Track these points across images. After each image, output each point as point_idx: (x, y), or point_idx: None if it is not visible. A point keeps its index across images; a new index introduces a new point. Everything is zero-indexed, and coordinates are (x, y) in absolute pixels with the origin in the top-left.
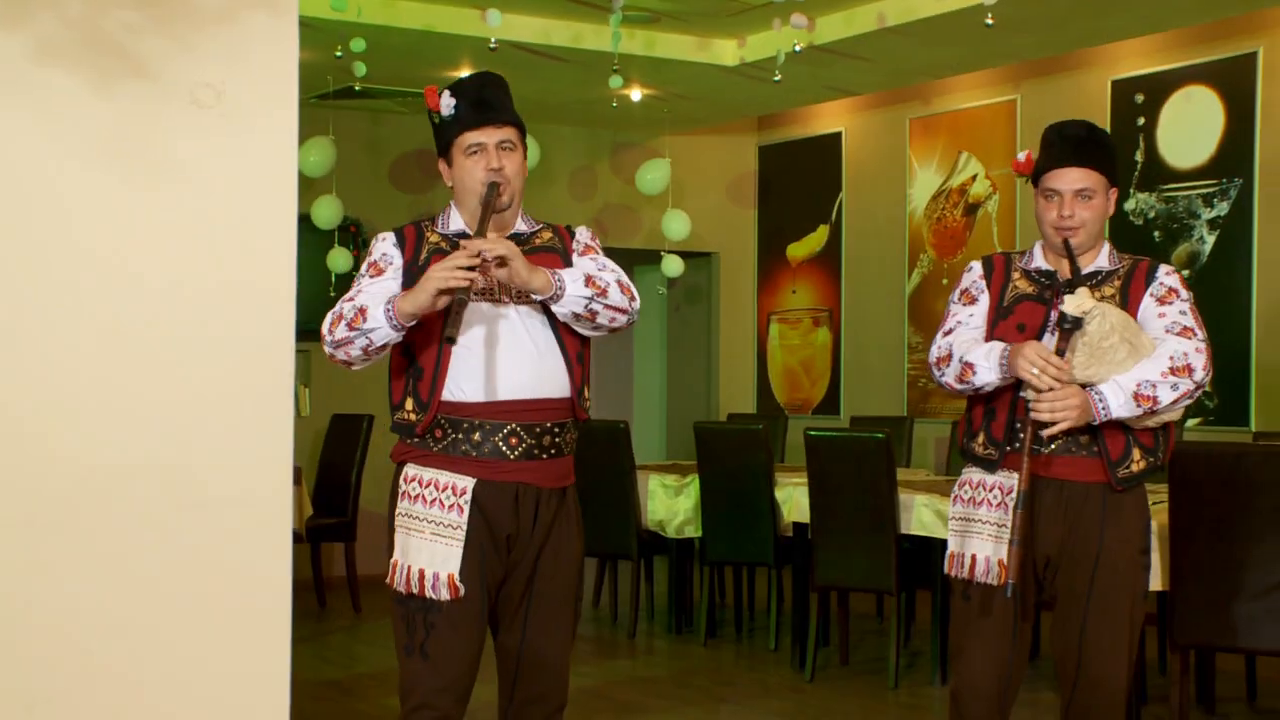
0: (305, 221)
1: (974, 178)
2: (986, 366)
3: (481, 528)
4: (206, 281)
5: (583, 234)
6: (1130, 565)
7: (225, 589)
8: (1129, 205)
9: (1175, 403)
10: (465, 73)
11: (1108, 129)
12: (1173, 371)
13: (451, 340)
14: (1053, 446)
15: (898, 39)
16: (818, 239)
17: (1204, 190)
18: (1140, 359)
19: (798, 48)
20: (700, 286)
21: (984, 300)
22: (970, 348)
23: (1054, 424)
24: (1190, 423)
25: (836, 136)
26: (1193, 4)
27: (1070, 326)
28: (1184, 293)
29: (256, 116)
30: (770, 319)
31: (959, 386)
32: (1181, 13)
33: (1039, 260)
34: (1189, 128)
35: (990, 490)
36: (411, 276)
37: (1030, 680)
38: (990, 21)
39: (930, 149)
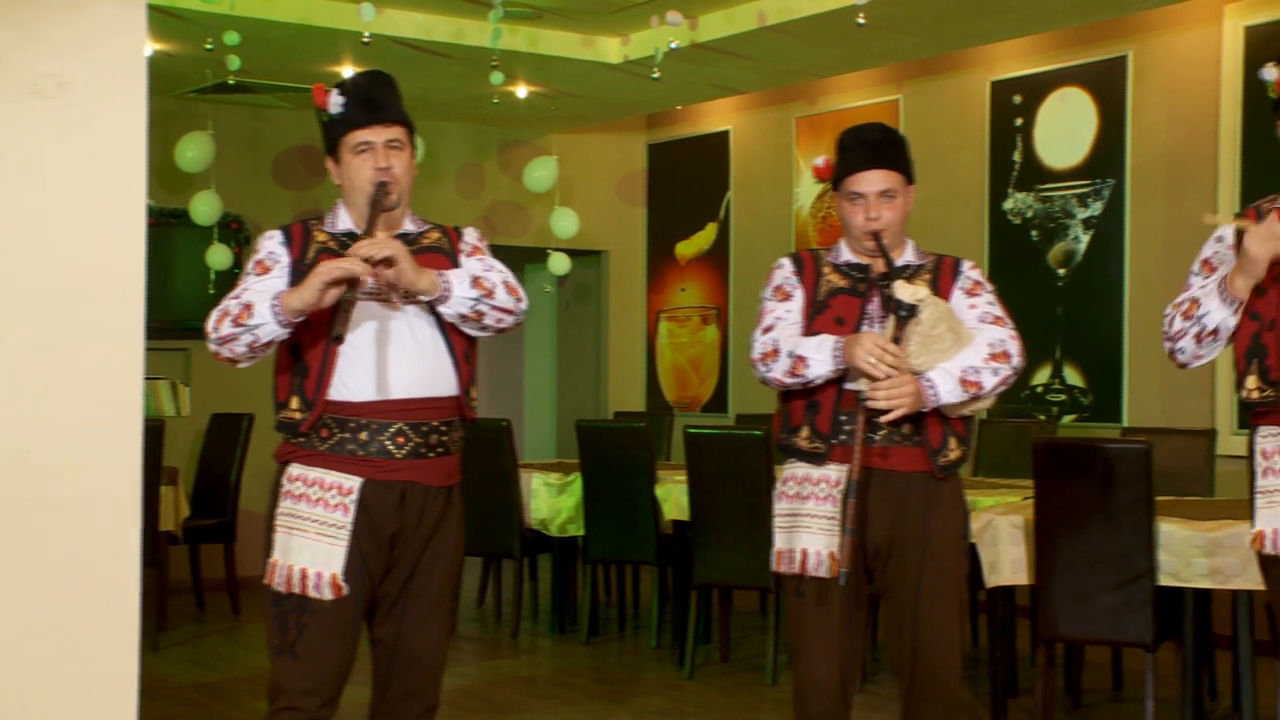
0: (183, 217)
1: None
2: (819, 359)
3: (365, 527)
4: (48, 277)
5: (470, 235)
6: (954, 551)
7: (69, 593)
8: (1007, 205)
9: (995, 388)
10: (346, 68)
11: (987, 129)
12: (993, 357)
13: (339, 339)
14: (877, 437)
15: (778, 38)
16: (706, 237)
17: (1079, 190)
18: (963, 347)
19: (674, 45)
20: (590, 285)
21: (799, 295)
22: (798, 342)
23: (890, 411)
24: (1065, 419)
25: (724, 135)
26: (1065, 7)
27: (907, 315)
28: (988, 285)
29: (102, 109)
30: (659, 317)
31: (789, 380)
32: (1054, 16)
33: (848, 255)
34: (1064, 129)
35: (817, 484)
36: (298, 275)
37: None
38: (862, 20)
39: (816, 148)
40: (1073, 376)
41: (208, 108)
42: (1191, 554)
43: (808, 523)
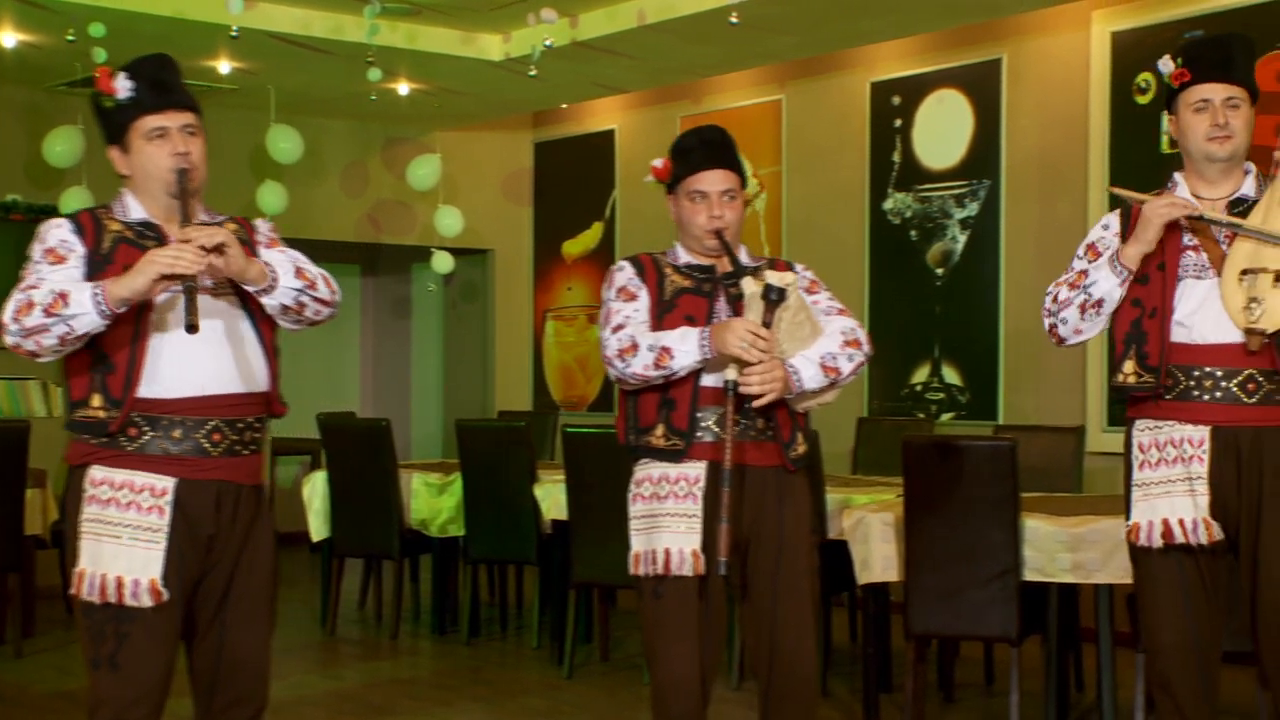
0: (53, 213)
1: None
2: (685, 349)
3: (182, 529)
4: None
5: (264, 226)
6: (807, 545)
7: None
8: (887, 205)
9: (850, 374)
10: (222, 62)
11: (868, 130)
12: (848, 344)
13: (193, 329)
14: (737, 429)
15: (658, 36)
16: (592, 236)
17: (956, 191)
18: (819, 337)
19: (548, 43)
20: (476, 284)
21: (644, 296)
22: (658, 335)
23: (761, 397)
24: (944, 417)
25: (609, 134)
26: (939, 9)
27: (777, 298)
28: (823, 283)
29: None
30: (546, 316)
31: (653, 373)
32: (929, 18)
33: (687, 257)
34: (942, 130)
35: (675, 483)
36: (95, 265)
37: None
38: (734, 20)
39: None
40: (951, 375)
41: (78, 101)
42: (1055, 549)
43: (668, 522)
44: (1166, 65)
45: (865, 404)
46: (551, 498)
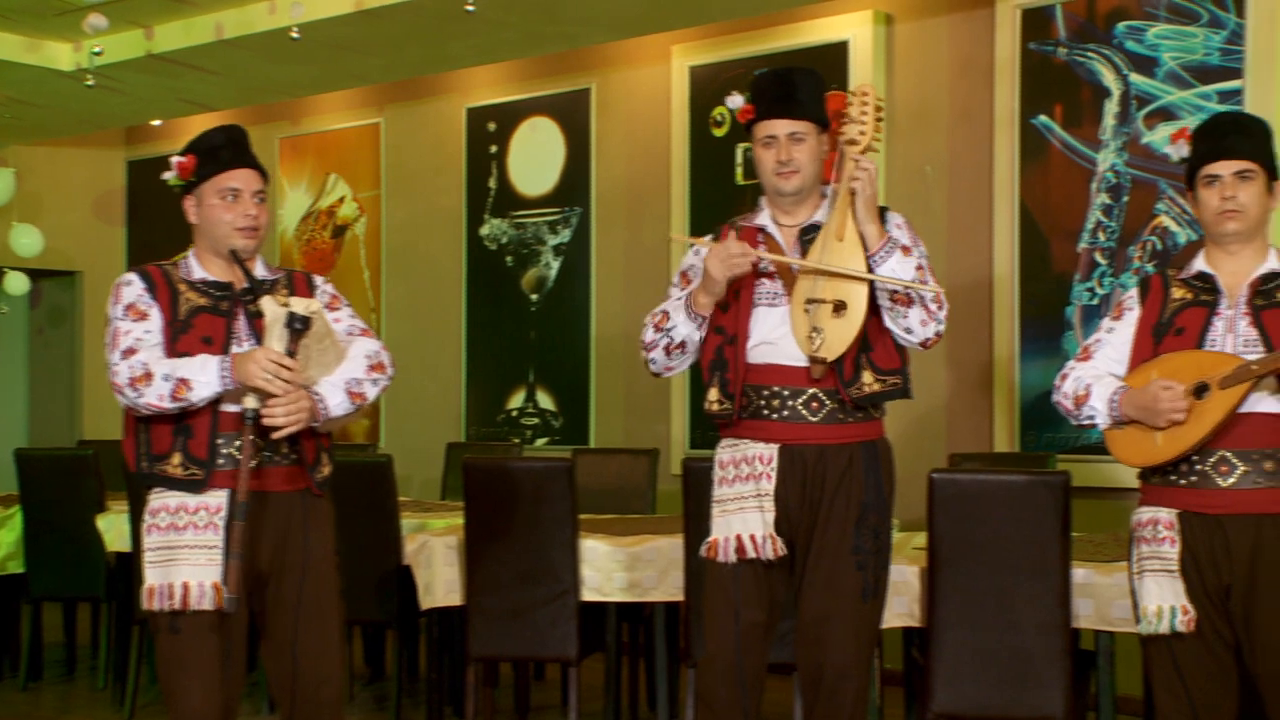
0: None
1: (342, 199)
2: (205, 380)
3: None
4: None
5: None
6: (333, 568)
7: None
8: (484, 230)
9: (374, 397)
10: None
11: (465, 155)
12: (373, 368)
13: None
14: (255, 461)
15: (238, 52)
16: None
17: (550, 217)
18: (342, 360)
19: (98, 50)
20: (64, 307)
21: (156, 315)
22: (175, 364)
23: (287, 428)
24: (539, 442)
25: None
26: (521, 36)
27: (301, 328)
28: (344, 298)
29: None
30: None
31: (169, 405)
32: (512, 45)
33: (201, 271)
34: (536, 157)
35: (195, 513)
36: None
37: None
38: (296, 36)
39: (300, 169)
40: (545, 400)
41: None
42: (612, 569)
43: (188, 554)
44: (735, 101)
45: (463, 429)
46: (116, 529)
